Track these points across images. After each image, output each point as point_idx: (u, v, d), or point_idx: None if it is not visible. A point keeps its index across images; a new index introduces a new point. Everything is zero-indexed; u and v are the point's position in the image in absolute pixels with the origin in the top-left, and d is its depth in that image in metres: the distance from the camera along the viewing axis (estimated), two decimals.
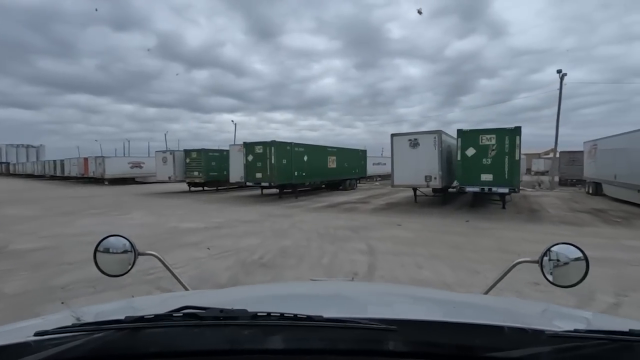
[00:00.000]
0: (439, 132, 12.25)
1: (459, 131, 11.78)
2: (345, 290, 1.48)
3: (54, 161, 39.98)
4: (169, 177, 21.51)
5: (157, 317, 0.73)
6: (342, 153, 21.52)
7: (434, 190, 13.69)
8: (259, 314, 0.73)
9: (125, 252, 1.34)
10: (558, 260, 1.24)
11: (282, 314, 0.73)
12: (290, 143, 16.60)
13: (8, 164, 63.86)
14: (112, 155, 34.64)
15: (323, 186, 21.45)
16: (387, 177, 28.48)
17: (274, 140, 15.61)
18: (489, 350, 0.72)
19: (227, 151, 22.14)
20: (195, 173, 20.96)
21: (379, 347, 0.71)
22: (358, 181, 24.23)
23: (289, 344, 0.70)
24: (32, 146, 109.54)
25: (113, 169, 30.58)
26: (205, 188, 22.76)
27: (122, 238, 1.35)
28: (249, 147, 16.43)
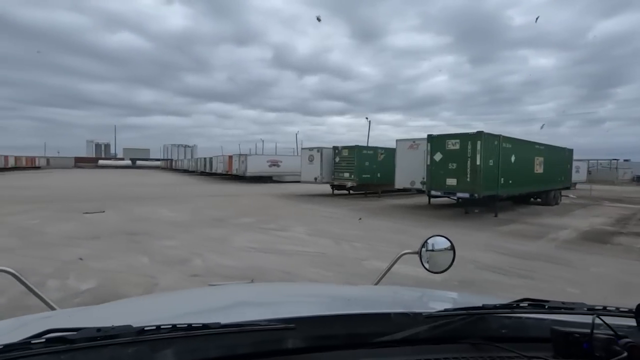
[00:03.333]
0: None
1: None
2: (245, 293, 1.46)
3: (204, 159, 43.40)
4: (315, 179, 18.59)
5: (8, 347, 0.59)
6: (550, 153, 14.99)
7: None
8: (146, 328, 0.65)
9: None
10: (433, 250, 1.46)
11: (174, 325, 0.67)
12: (498, 136, 11.25)
13: (171, 160, 75.26)
14: (252, 154, 34.93)
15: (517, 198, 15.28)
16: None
17: (481, 132, 10.54)
18: (377, 335, 0.80)
19: (380, 149, 18.15)
20: (346, 175, 17.47)
21: (278, 347, 0.73)
22: (561, 193, 17.06)
23: (181, 356, 0.66)
24: (188, 146, 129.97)
25: (254, 167, 30.32)
26: (352, 192, 19.27)
27: None
28: (437, 141, 11.62)
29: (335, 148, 18.30)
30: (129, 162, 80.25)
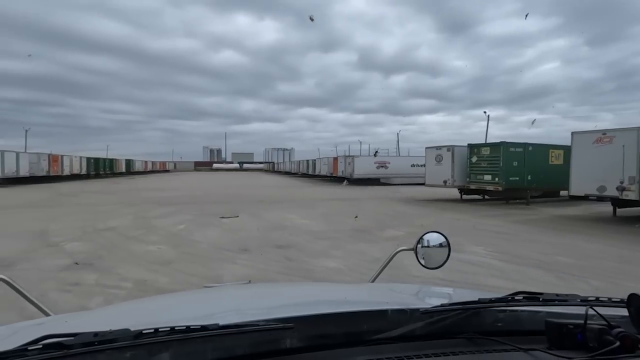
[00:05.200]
0: None
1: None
2: (242, 294, 1.45)
3: (307, 161, 43.94)
4: (445, 182, 16.11)
5: (3, 355, 0.59)
6: None
7: None
8: (144, 331, 0.64)
9: None
10: (428, 247, 1.45)
11: (172, 328, 0.65)
12: None
13: (273, 163, 79.64)
14: (359, 155, 33.71)
15: None
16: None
17: None
18: (375, 332, 0.80)
19: (529, 145, 14.78)
20: (487, 177, 14.62)
21: (276, 347, 0.72)
22: None
23: (180, 359, 0.65)
24: (286, 149, 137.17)
25: (361, 169, 28.97)
26: (486, 198, 16.24)
27: None
28: None
29: (471, 146, 15.57)
30: (237, 165, 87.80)
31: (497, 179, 14.18)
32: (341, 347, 0.77)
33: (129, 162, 49.52)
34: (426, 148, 17.46)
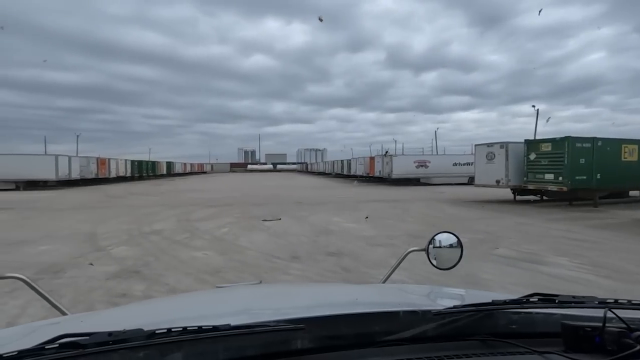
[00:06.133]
0: None
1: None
2: (253, 294, 1.43)
3: (341, 161, 43.25)
4: (498, 181, 14.84)
5: (22, 354, 0.59)
6: None
7: None
8: (157, 331, 0.64)
9: None
10: (440, 247, 1.44)
11: (184, 328, 0.66)
12: None
13: (306, 163, 79.71)
14: (399, 154, 32.58)
15: None
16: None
17: None
18: (386, 334, 0.79)
19: (598, 140, 13.20)
20: (549, 176, 13.22)
21: (287, 348, 0.72)
22: None
23: (191, 359, 0.66)
24: (319, 149, 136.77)
25: (399, 168, 27.88)
26: (544, 199, 14.75)
27: None
28: None
29: (528, 142, 14.20)
30: (270, 166, 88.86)
31: (561, 178, 12.76)
32: (352, 349, 0.76)
33: (169, 165, 51.35)
34: (475, 145, 16.23)
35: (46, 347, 0.60)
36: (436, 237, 1.46)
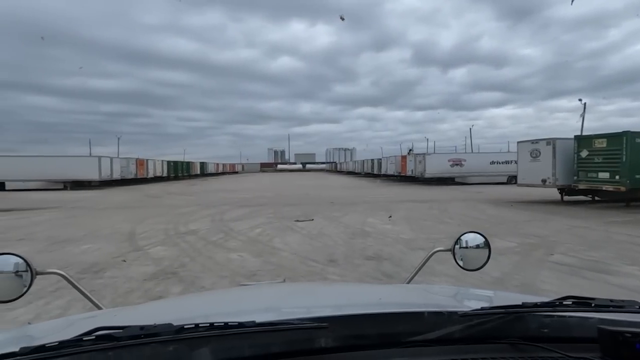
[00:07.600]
0: None
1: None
2: (277, 293, 1.45)
3: (371, 160, 42.61)
4: (544, 181, 13.83)
5: (62, 344, 0.62)
6: None
7: None
8: (185, 326, 0.65)
9: (17, 272, 1.09)
10: (467, 248, 1.39)
11: (211, 324, 0.67)
12: None
13: (335, 163, 79.41)
14: (431, 152, 31.53)
15: None
16: None
17: None
18: (410, 335, 0.77)
19: None
20: (603, 175, 12.13)
21: (310, 346, 0.72)
22: None
23: (217, 355, 0.67)
24: (347, 149, 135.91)
25: (433, 167, 26.95)
26: (596, 199, 13.55)
27: (13, 256, 1.10)
28: None
29: (579, 138, 13.12)
30: (300, 166, 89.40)
31: (617, 177, 11.66)
32: (376, 349, 0.76)
33: (202, 165, 52.89)
34: (518, 142, 15.23)
35: (84, 338, 0.63)
36: (462, 237, 1.41)
